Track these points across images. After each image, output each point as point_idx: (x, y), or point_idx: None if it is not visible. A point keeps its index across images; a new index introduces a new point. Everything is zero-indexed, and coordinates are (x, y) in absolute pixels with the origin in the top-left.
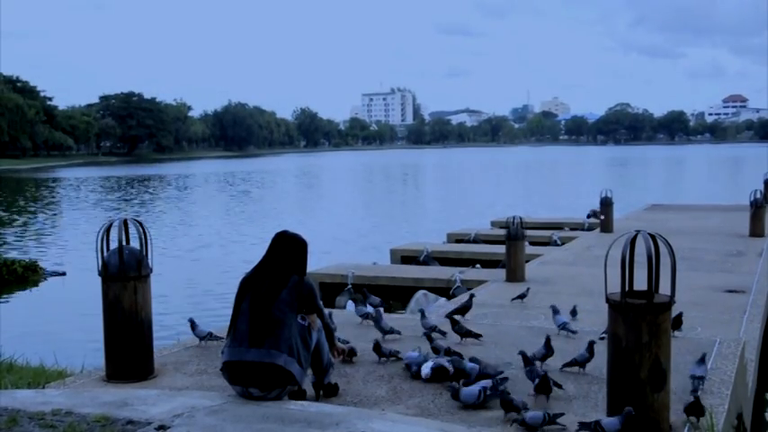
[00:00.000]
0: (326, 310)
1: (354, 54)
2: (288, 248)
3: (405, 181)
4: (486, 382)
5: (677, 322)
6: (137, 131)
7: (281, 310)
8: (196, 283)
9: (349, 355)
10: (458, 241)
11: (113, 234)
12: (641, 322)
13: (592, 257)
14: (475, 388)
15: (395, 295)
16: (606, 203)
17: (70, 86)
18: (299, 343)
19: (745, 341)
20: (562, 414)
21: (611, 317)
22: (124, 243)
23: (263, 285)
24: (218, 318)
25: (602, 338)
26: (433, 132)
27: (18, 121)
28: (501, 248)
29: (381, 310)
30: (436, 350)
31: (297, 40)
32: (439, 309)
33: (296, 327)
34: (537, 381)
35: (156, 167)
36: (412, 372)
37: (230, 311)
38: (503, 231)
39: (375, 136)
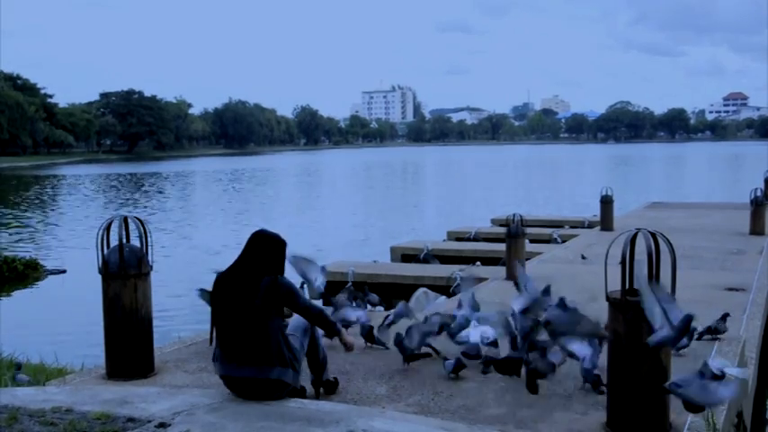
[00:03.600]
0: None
1: (355, 52)
2: (263, 248)
3: (405, 179)
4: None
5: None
6: (137, 129)
7: (260, 322)
8: (196, 281)
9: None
10: (458, 239)
11: (114, 231)
12: (641, 320)
13: (592, 255)
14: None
15: (395, 293)
16: (606, 201)
17: (70, 84)
18: (285, 347)
19: (745, 339)
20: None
21: (612, 315)
22: (124, 241)
23: (237, 297)
24: None
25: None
26: (434, 130)
27: (18, 119)
28: (501, 246)
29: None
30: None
31: (297, 37)
32: (439, 306)
33: (279, 331)
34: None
35: (156, 165)
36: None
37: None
38: (503, 229)
39: (375, 134)
